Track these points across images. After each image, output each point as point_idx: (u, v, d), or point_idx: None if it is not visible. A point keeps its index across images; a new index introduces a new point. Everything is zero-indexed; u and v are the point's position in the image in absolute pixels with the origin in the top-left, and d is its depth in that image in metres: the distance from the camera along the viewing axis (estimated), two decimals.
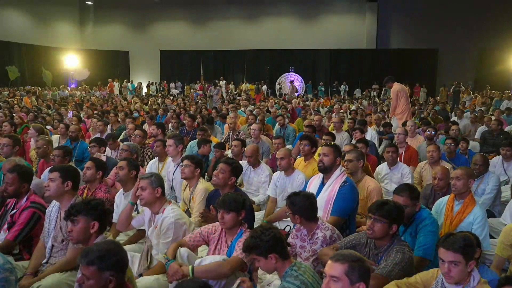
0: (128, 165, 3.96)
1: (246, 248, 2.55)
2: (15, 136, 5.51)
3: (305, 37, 25.32)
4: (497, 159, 5.95)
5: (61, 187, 3.24)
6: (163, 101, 16.45)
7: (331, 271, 2.09)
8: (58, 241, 3.18)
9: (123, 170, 3.94)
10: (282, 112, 10.67)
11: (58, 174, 3.25)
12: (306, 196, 3.11)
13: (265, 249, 2.46)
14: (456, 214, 3.65)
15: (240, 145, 5.76)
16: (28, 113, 10.02)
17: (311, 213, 3.09)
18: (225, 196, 3.08)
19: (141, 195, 3.19)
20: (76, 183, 3.36)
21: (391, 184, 5.26)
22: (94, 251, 2.12)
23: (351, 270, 2.06)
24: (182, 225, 3.16)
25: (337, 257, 2.13)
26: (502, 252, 3.27)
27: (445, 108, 14.23)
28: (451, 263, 2.34)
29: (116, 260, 2.13)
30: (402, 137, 6.37)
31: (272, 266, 2.50)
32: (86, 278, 2.09)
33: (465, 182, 3.67)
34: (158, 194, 3.18)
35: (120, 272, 2.16)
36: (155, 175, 3.29)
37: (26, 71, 23.43)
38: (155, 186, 3.18)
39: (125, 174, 3.93)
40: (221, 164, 3.88)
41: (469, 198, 3.67)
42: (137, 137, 6.33)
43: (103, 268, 2.08)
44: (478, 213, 3.59)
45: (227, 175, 3.80)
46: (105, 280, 2.10)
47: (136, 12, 27.10)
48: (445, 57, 23.63)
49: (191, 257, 2.92)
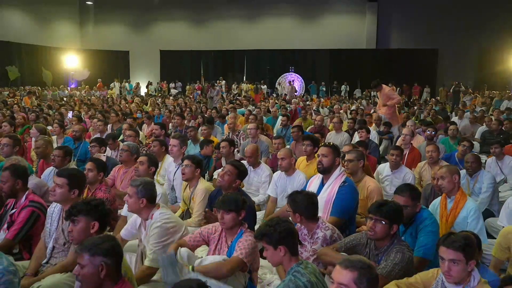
0: (147, 161, 4.31)
1: (258, 234, 2.54)
2: (15, 136, 5.51)
3: (305, 37, 25.30)
4: (491, 159, 6.02)
5: (67, 195, 3.20)
6: (163, 101, 16.46)
7: (340, 278, 2.03)
8: (60, 243, 3.17)
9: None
10: (282, 112, 10.67)
11: (66, 181, 3.19)
12: (307, 195, 3.11)
13: (277, 239, 2.45)
14: (450, 211, 3.70)
15: (228, 146, 5.73)
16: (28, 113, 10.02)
17: (312, 212, 3.08)
18: (224, 196, 3.08)
19: (128, 202, 3.16)
20: (82, 190, 3.35)
21: (391, 187, 5.21)
22: (88, 240, 2.25)
23: (360, 278, 2.00)
24: (169, 228, 3.12)
25: (346, 264, 2.05)
26: (498, 254, 3.28)
27: (445, 108, 14.24)
28: (452, 261, 2.34)
29: (108, 246, 2.18)
30: (408, 138, 6.26)
31: (279, 258, 2.48)
32: (81, 267, 2.16)
33: (450, 179, 3.71)
34: (142, 204, 3.09)
35: (112, 260, 2.18)
36: (144, 184, 3.15)
37: (26, 71, 23.41)
38: (140, 196, 3.09)
39: (145, 169, 4.25)
40: (228, 166, 3.84)
41: (459, 193, 3.73)
42: (129, 137, 6.32)
43: (94, 253, 2.14)
44: (471, 206, 3.65)
45: (233, 178, 3.78)
46: (97, 266, 2.14)
47: (136, 12, 27.08)
48: (445, 57, 23.62)
49: (191, 257, 2.92)
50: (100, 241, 2.20)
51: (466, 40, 22.92)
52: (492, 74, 22.34)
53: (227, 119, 9.69)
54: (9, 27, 22.72)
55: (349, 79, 23.98)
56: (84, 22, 28.24)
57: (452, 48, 23.15)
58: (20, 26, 23.67)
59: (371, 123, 9.39)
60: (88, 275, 2.14)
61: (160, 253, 2.93)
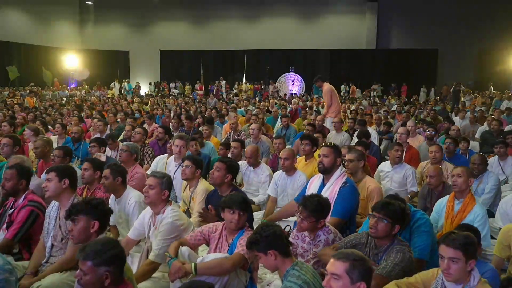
0: (111, 173, 3.74)
1: (248, 244, 2.57)
2: (15, 136, 5.51)
3: (305, 37, 25.31)
4: (493, 159, 5.99)
5: (59, 186, 3.23)
6: (163, 101, 16.47)
7: (332, 269, 2.09)
8: (58, 240, 3.18)
9: (108, 179, 3.73)
10: (283, 112, 10.67)
11: (54, 174, 3.26)
12: (322, 199, 3.11)
13: (264, 244, 2.47)
14: (456, 213, 3.67)
15: (239, 146, 5.76)
16: (29, 113, 10.02)
17: (322, 216, 3.08)
18: (239, 195, 3.08)
19: (147, 193, 3.17)
20: (74, 181, 3.35)
21: (392, 182, 5.28)
22: (90, 246, 2.18)
23: (352, 268, 2.05)
24: (179, 226, 3.15)
25: (339, 256, 2.13)
26: (500, 253, 3.28)
27: (445, 108, 14.24)
28: (451, 259, 2.33)
29: (112, 255, 2.16)
30: (404, 137, 6.37)
31: (272, 263, 2.50)
32: (83, 274, 2.12)
33: (466, 179, 3.72)
34: (164, 196, 3.18)
35: (117, 268, 2.17)
36: (167, 177, 3.27)
37: (26, 71, 23.41)
38: (163, 188, 3.17)
39: (110, 182, 3.74)
40: (217, 163, 3.90)
41: (469, 197, 3.70)
42: (137, 134, 6.34)
43: (99, 263, 2.11)
44: (479, 211, 3.62)
45: (222, 173, 3.81)
46: (101, 276, 2.12)
47: (136, 12, 27.07)
48: (445, 57, 23.63)
49: (192, 256, 2.92)
50: (104, 249, 2.15)
51: (466, 40, 22.94)
52: (492, 74, 22.35)
53: (226, 119, 9.71)
54: (9, 27, 22.72)
55: (349, 79, 23.99)
56: (84, 22, 28.24)
57: (452, 48, 23.15)
58: (20, 26, 23.65)
59: (371, 123, 9.39)
60: (91, 283, 2.12)
61: (166, 250, 2.95)
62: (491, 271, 2.87)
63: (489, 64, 22.68)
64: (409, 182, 5.20)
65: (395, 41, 25.07)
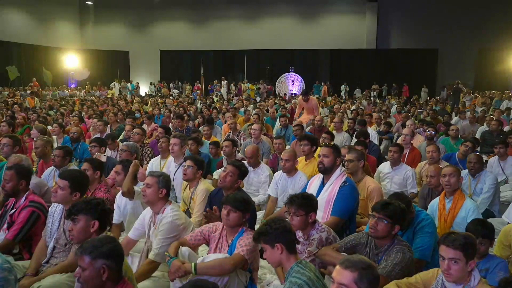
0: (123, 169, 3.89)
1: (256, 234, 2.58)
2: (15, 136, 5.51)
3: (305, 37, 25.31)
4: (493, 159, 6.01)
5: (68, 197, 3.18)
6: (163, 101, 16.45)
7: (340, 278, 2.02)
8: (61, 244, 3.17)
9: (120, 175, 3.91)
10: (282, 112, 10.66)
11: (68, 184, 3.17)
12: (306, 194, 3.15)
13: (273, 236, 2.47)
14: (448, 211, 3.74)
15: (231, 145, 5.72)
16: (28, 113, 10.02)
17: (311, 208, 3.09)
18: (236, 194, 3.09)
19: (145, 192, 3.18)
20: (84, 193, 3.32)
21: (392, 184, 5.27)
22: (88, 242, 2.22)
23: (360, 278, 1.99)
24: (179, 225, 3.15)
25: (347, 264, 2.04)
26: (500, 252, 3.28)
27: (445, 108, 14.23)
28: (451, 260, 2.34)
29: (109, 248, 2.18)
30: (408, 138, 6.32)
31: (277, 257, 2.49)
32: (82, 270, 2.14)
33: (457, 179, 3.79)
34: (162, 194, 3.18)
35: (114, 262, 2.18)
36: (164, 176, 3.28)
37: (26, 71, 23.41)
38: (161, 186, 3.18)
39: (122, 178, 3.86)
40: (230, 167, 3.82)
41: (458, 193, 3.78)
42: (136, 134, 6.33)
43: (96, 256, 2.13)
44: (470, 206, 3.69)
45: (235, 178, 3.77)
46: (99, 269, 2.13)
47: (136, 12, 27.09)
48: (445, 57, 23.65)
49: (192, 256, 2.92)
50: (100, 243, 2.18)
51: (466, 40, 22.94)
52: (492, 74, 22.35)
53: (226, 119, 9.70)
54: (9, 27, 22.73)
55: (349, 79, 23.97)
56: (84, 22, 28.25)
57: (452, 48, 23.17)
58: (20, 26, 23.66)
59: (371, 123, 9.38)
60: (89, 278, 2.14)
61: (166, 249, 2.96)
62: (503, 264, 2.91)
63: (489, 64, 22.68)
64: (409, 183, 5.20)
65: (395, 41, 25.07)
